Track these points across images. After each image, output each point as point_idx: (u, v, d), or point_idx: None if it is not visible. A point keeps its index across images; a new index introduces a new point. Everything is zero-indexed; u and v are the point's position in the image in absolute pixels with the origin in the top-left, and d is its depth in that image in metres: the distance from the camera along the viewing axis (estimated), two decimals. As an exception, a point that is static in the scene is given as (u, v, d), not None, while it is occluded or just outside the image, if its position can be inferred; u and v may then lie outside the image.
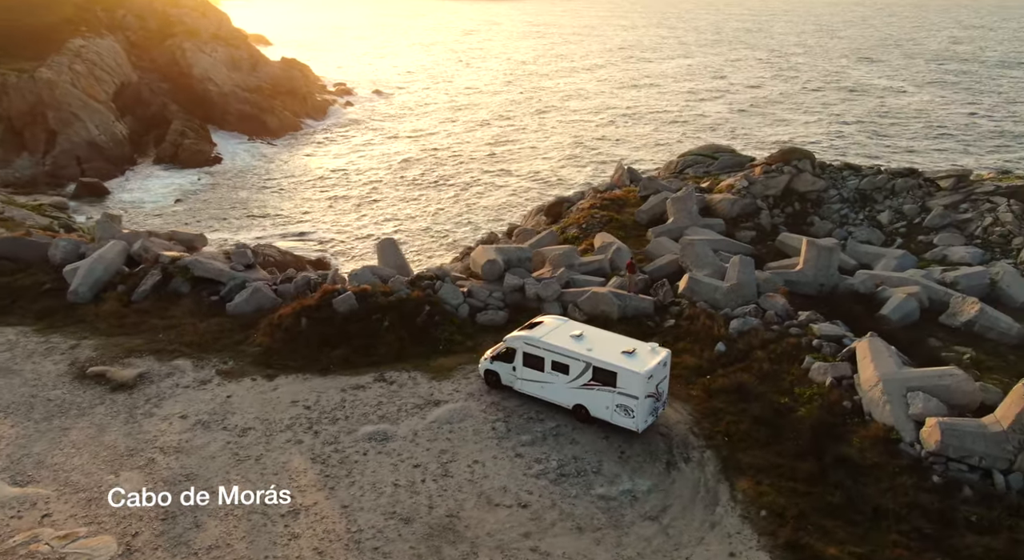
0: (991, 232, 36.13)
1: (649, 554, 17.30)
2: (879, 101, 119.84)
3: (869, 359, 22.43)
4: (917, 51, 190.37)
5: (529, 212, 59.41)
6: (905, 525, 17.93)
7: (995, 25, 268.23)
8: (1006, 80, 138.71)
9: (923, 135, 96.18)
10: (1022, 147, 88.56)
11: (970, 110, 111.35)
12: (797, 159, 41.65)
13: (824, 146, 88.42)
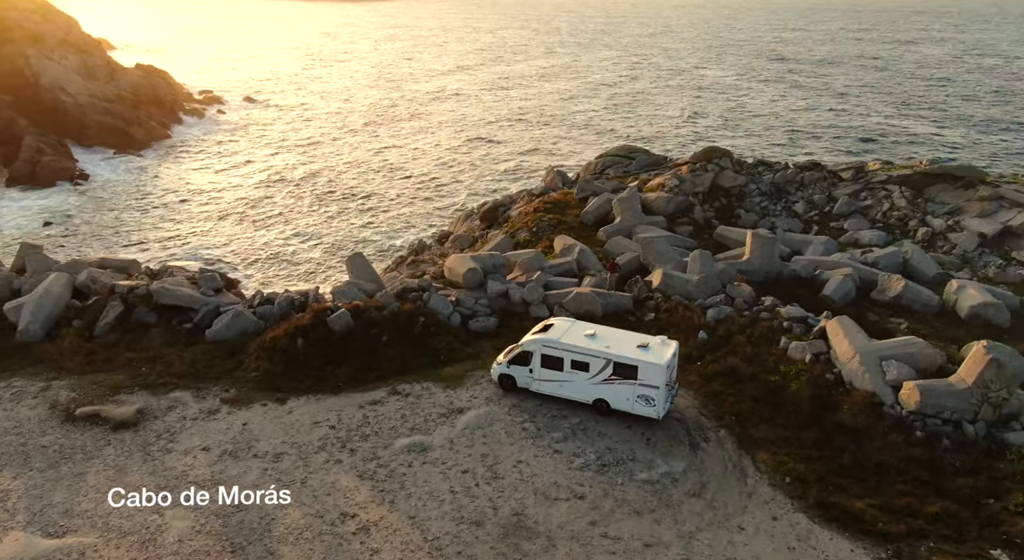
0: (890, 216, 41.08)
1: (706, 527, 19.15)
2: (731, 98, 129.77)
3: (842, 335, 25.49)
4: (755, 51, 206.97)
5: (458, 218, 60.45)
6: (905, 476, 20.85)
7: (810, 27, 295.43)
8: (830, 77, 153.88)
9: (778, 128, 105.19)
10: (861, 140, 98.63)
11: (810, 105, 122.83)
12: (718, 157, 45.24)
13: (694, 141, 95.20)
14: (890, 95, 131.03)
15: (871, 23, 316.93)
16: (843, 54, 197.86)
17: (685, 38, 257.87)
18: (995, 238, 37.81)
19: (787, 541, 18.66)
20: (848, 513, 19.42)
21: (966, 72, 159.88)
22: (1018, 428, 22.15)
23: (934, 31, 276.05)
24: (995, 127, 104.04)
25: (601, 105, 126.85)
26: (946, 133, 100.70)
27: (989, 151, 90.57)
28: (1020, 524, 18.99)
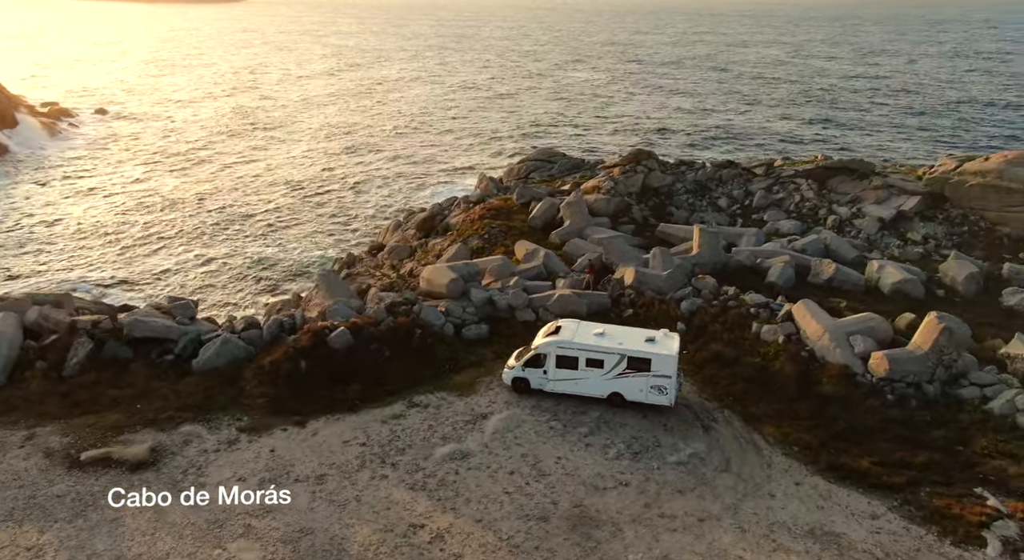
0: (802, 206, 45.65)
1: (743, 498, 21.30)
2: (599, 98, 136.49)
3: (810, 317, 28.64)
4: (614, 53, 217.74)
5: (385, 229, 60.37)
6: (889, 434, 24.02)
7: (658, 30, 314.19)
8: (686, 77, 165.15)
9: (649, 129, 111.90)
10: (729, 139, 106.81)
11: (668, 104, 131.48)
12: (645, 159, 48.31)
13: (572, 143, 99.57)
14: (738, 94, 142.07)
15: (710, 26, 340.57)
16: (693, 55, 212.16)
17: (543, 41, 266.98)
18: (892, 221, 43.02)
19: (815, 502, 21.16)
20: (856, 471, 22.24)
21: (797, 71, 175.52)
22: (967, 384, 26.01)
23: (766, 33, 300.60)
24: (831, 123, 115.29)
25: (473, 108, 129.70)
26: (793, 128, 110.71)
27: (838, 144, 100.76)
28: (990, 464, 22.53)
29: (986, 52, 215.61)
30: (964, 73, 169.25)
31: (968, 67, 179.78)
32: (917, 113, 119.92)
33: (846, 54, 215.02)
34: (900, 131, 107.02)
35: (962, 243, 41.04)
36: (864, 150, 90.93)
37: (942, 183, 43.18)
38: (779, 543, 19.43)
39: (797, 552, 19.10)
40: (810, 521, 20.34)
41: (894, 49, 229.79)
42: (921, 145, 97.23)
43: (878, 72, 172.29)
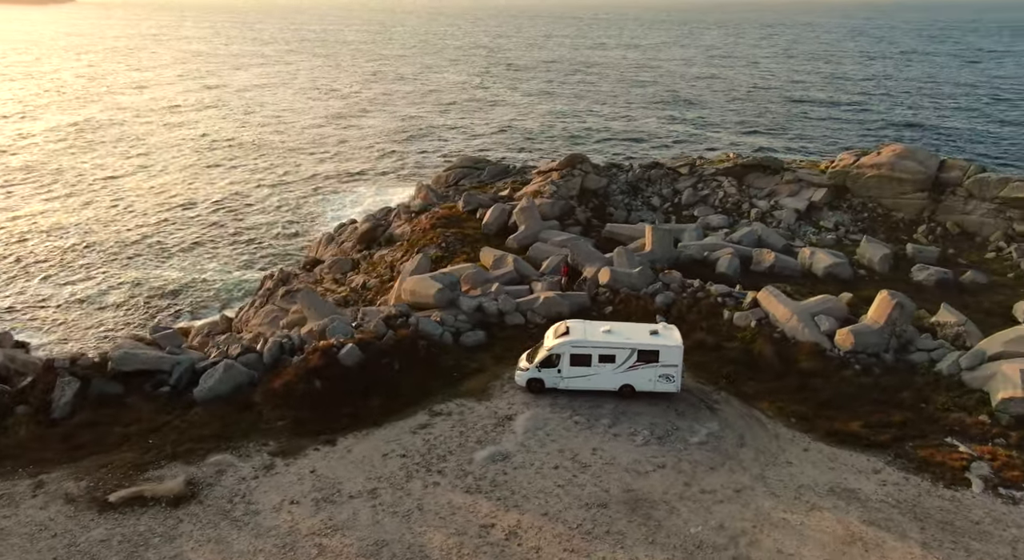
0: (726, 202, 49.71)
1: (766, 467, 23.76)
2: (476, 101, 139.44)
3: (777, 302, 31.87)
4: (484, 56, 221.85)
5: (317, 242, 59.69)
6: (865, 399, 27.42)
7: (520, 32, 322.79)
8: (561, 80, 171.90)
9: (533, 131, 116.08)
10: (611, 140, 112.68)
11: (551, 108, 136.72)
12: (580, 163, 50.77)
13: (461, 146, 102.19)
14: (608, 95, 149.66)
15: (569, 28, 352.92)
16: (558, 58, 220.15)
17: (408, 44, 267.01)
18: (806, 212, 47.83)
19: (825, 464, 24.00)
20: (851, 435, 25.34)
21: (659, 75, 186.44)
22: (914, 350, 30.04)
23: (623, 36, 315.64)
24: (701, 121, 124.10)
25: (350, 113, 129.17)
26: (665, 127, 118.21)
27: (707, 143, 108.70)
28: (951, 417, 26.34)
29: (811, 52, 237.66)
30: (802, 73, 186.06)
31: (808, 68, 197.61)
32: (761, 113, 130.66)
33: (696, 55, 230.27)
34: (761, 129, 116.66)
35: (866, 228, 46.34)
36: (746, 146, 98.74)
37: (843, 176, 48.51)
38: (811, 502, 22.04)
39: (828, 508, 21.76)
40: (827, 481, 23.13)
41: (739, 52, 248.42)
42: (775, 141, 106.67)
43: (727, 73, 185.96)
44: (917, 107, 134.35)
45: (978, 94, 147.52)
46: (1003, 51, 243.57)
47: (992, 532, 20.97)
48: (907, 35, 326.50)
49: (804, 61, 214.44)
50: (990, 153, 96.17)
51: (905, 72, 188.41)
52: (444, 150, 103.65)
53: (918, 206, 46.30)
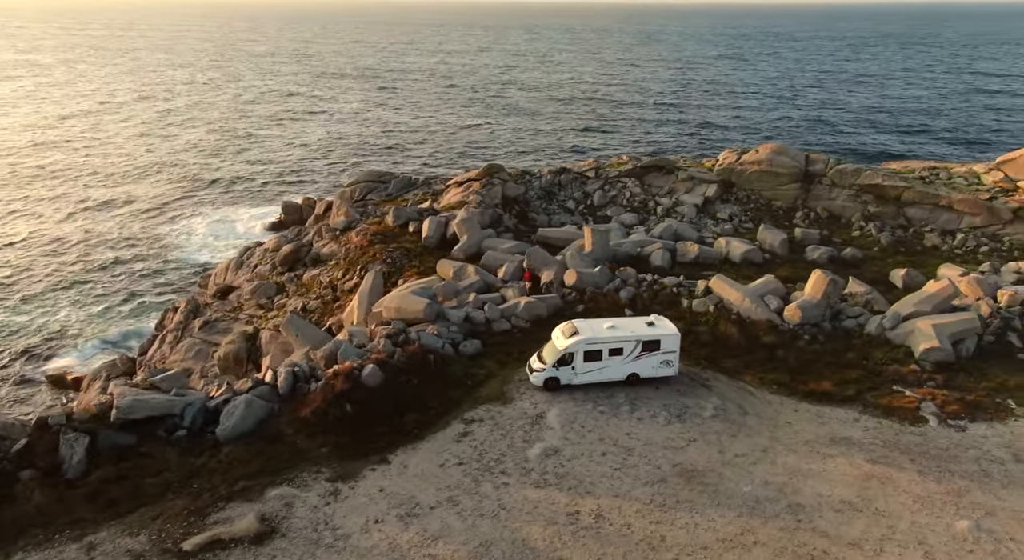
0: (634, 201, 54.29)
1: (775, 429, 27.56)
2: (308, 113, 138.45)
3: (728, 287, 36.24)
4: (288, 62, 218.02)
5: (222, 268, 57.50)
6: (822, 363, 32.26)
7: (322, 37, 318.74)
8: (376, 88, 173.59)
9: (391, 146, 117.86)
10: (469, 151, 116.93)
11: (393, 119, 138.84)
12: (497, 172, 53.09)
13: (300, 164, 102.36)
14: (461, 100, 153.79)
15: (382, 32, 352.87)
16: (372, 65, 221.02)
17: (199, 49, 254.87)
18: (703, 206, 53.53)
19: (816, 420, 28.30)
20: (824, 393, 29.92)
21: (510, 80, 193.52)
22: (845, 318, 35.60)
23: (469, 41, 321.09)
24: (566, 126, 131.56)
25: (158, 127, 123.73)
26: (532, 134, 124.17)
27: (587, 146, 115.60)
28: (890, 369, 31.81)
29: (605, 59, 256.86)
30: (599, 76, 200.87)
31: (609, 71, 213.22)
32: (578, 115, 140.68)
33: (502, 58, 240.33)
34: (577, 129, 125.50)
35: (754, 217, 52.82)
36: (603, 148, 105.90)
37: (729, 172, 54.79)
38: (822, 453, 26.10)
39: (836, 455, 25.90)
40: (824, 434, 27.39)
41: (572, 59, 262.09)
42: (588, 140, 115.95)
43: (559, 78, 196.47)
44: (728, 107, 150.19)
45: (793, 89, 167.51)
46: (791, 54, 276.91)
47: (959, 455, 26.15)
48: (698, 41, 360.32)
49: (607, 65, 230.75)
50: (823, 141, 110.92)
51: (703, 75, 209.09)
52: (281, 163, 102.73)
53: (793, 195, 53.49)
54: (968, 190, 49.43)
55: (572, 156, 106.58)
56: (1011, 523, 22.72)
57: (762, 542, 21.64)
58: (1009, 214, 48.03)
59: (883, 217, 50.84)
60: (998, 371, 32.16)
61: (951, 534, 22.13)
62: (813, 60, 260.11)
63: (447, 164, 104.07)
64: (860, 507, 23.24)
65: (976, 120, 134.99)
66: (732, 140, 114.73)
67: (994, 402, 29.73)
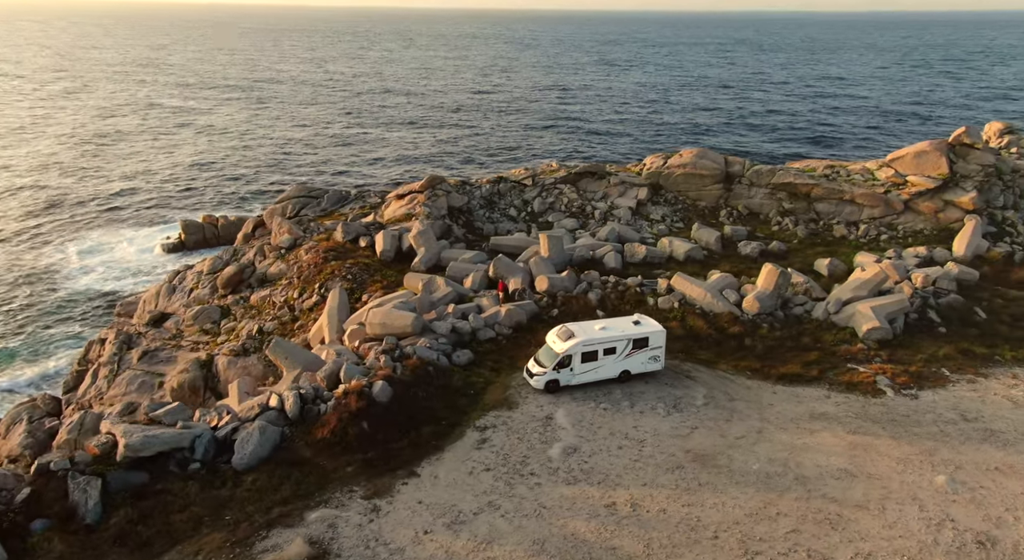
0: (571, 206, 56.48)
1: (762, 410, 30.15)
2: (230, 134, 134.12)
3: (689, 283, 38.89)
4: (137, 70, 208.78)
5: (151, 294, 55.02)
6: (784, 348, 35.40)
7: (174, 45, 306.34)
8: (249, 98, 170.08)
9: (293, 158, 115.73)
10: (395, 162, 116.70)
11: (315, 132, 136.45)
12: (439, 183, 53.76)
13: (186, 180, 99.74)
14: (345, 108, 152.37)
15: (237, 40, 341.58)
16: (258, 74, 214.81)
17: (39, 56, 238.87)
18: (636, 209, 56.50)
19: (794, 400, 31.16)
20: (794, 375, 32.94)
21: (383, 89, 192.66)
22: (793, 306, 39.11)
23: (338, 48, 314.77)
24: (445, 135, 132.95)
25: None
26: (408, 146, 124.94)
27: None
28: (840, 349, 35.39)
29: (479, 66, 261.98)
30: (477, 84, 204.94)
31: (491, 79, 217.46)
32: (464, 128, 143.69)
33: (408, 69, 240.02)
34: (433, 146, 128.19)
35: (684, 217, 56.34)
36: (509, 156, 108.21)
37: (657, 176, 58.09)
38: (808, 428, 28.91)
39: (820, 430, 28.73)
40: (804, 411, 30.30)
41: (449, 65, 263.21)
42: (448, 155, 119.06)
43: (438, 85, 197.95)
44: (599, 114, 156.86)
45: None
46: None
47: (919, 420, 29.73)
48: (571, 47, 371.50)
49: (485, 72, 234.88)
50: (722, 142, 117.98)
51: (581, 80, 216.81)
52: (158, 180, 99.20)
53: (716, 195, 57.45)
54: (866, 185, 55.05)
55: (469, 165, 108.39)
56: (977, 473, 26.25)
57: (784, 512, 23.95)
58: (901, 205, 53.88)
59: (796, 212, 55.65)
60: (927, 344, 36.47)
61: (934, 489, 25.32)
62: (679, 66, 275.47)
63: (342, 175, 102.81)
64: (855, 473, 26.08)
65: (831, 121, 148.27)
66: (610, 144, 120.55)
67: (932, 371, 33.82)
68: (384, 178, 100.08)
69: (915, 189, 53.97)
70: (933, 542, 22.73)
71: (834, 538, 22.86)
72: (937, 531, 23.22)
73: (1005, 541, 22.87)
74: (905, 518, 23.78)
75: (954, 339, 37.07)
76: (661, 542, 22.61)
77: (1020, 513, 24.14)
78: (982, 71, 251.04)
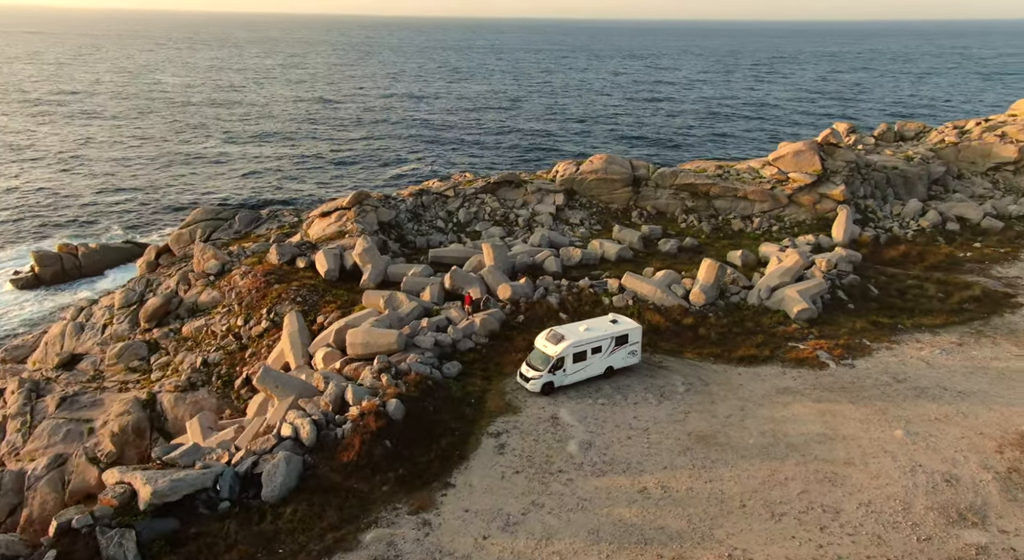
0: (495, 215, 58.18)
1: (735, 390, 33.39)
2: None
3: (640, 282, 41.85)
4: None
5: (60, 332, 50.69)
6: (734, 333, 39.19)
7: None
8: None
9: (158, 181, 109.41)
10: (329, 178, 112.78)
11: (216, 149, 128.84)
12: (365, 198, 53.65)
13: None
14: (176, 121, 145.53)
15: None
16: (77, 85, 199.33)
17: None
18: (556, 214, 59.17)
19: (758, 379, 34.74)
20: (751, 357, 36.61)
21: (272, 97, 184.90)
22: (729, 295, 43.16)
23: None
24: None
25: None
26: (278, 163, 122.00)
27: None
28: (778, 330, 39.60)
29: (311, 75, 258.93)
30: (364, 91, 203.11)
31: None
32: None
33: (253, 76, 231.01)
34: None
35: (599, 220, 59.71)
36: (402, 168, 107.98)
37: (571, 182, 61.10)
38: (781, 402, 32.49)
39: (791, 402, 32.39)
40: (771, 387, 33.94)
41: (287, 74, 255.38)
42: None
43: (315, 95, 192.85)
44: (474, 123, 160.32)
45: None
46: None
47: (863, 385, 34.24)
48: (420, 54, 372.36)
49: (335, 79, 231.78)
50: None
51: (433, 88, 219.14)
52: None
53: (626, 198, 61.34)
54: (755, 183, 61.08)
55: (334, 182, 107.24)
56: (924, 424, 30.86)
57: (791, 477, 27.12)
58: (786, 199, 60.33)
59: (698, 210, 60.69)
60: (843, 319, 41.66)
61: (897, 441, 29.56)
62: (523, 74, 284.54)
63: (204, 195, 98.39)
64: (832, 436, 29.86)
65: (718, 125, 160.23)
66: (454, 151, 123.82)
67: (857, 342, 38.81)
68: (239, 196, 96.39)
69: (796, 184, 60.57)
70: (913, 485, 26.71)
71: (837, 493, 26.26)
72: (913, 476, 27.27)
73: (964, 476, 27.29)
74: (885, 468, 27.69)
75: (862, 313, 42.57)
76: (700, 517, 24.96)
77: (967, 453, 28.79)
78: (820, 76, 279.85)
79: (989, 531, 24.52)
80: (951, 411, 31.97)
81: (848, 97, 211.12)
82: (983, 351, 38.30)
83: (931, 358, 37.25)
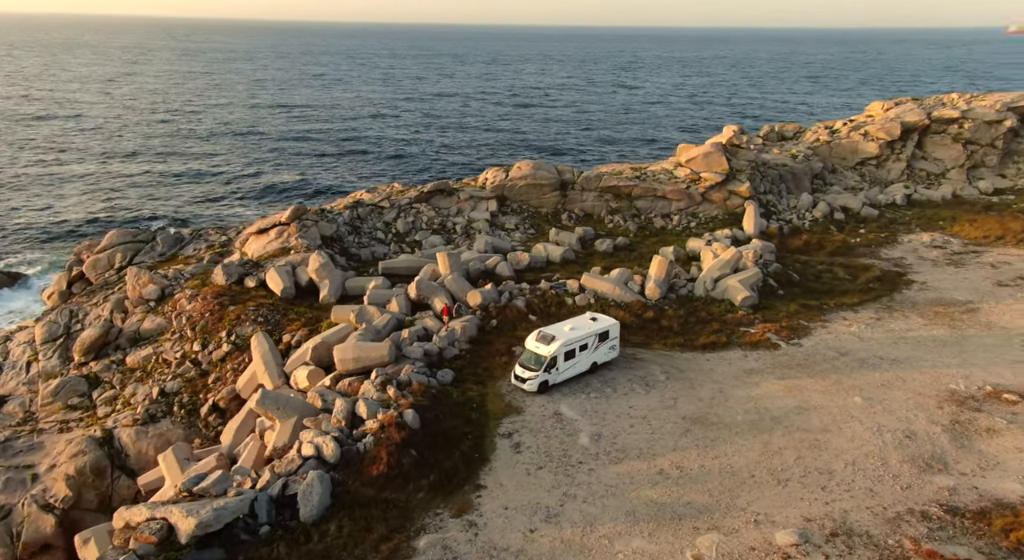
0: (432, 224, 58.83)
1: (709, 375, 36.28)
2: None
3: (598, 281, 44.14)
4: None
5: None
6: (691, 322, 42.28)
7: None
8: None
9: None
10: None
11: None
12: (303, 213, 52.87)
13: None
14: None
15: None
16: None
17: None
18: (491, 220, 60.62)
19: (725, 363, 37.83)
20: (713, 343, 39.77)
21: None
22: (678, 289, 46.32)
23: None
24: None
25: None
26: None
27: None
28: (728, 317, 43.15)
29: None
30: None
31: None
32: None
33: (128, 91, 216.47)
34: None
35: (532, 224, 61.73)
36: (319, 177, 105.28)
37: (501, 188, 62.71)
38: (752, 381, 35.64)
39: (760, 381, 35.62)
40: (738, 369, 37.12)
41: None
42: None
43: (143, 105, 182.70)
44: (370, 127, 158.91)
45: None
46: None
47: (815, 360, 38.16)
48: (282, 59, 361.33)
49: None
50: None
51: (303, 96, 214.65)
52: None
53: (554, 202, 63.75)
54: (671, 183, 65.31)
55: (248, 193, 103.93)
56: (874, 390, 34.97)
57: (783, 447, 30.14)
58: (700, 197, 64.95)
59: (622, 210, 64.10)
60: (778, 304, 45.90)
61: (858, 407, 33.41)
62: (393, 80, 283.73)
63: (119, 213, 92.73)
64: (805, 407, 33.30)
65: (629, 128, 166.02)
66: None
67: (797, 323, 43.00)
68: (111, 217, 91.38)
69: (707, 183, 65.33)
70: (883, 443, 30.44)
71: (825, 456, 29.51)
72: (880, 435, 31.04)
73: (920, 432, 31.37)
74: (856, 431, 31.32)
75: (791, 298, 47.05)
76: (719, 490, 27.36)
77: (915, 411, 33.03)
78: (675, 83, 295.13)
79: (952, 475, 28.48)
80: (892, 377, 36.36)
81: (701, 101, 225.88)
82: (898, 323, 43.48)
83: (860, 333, 41.92)
